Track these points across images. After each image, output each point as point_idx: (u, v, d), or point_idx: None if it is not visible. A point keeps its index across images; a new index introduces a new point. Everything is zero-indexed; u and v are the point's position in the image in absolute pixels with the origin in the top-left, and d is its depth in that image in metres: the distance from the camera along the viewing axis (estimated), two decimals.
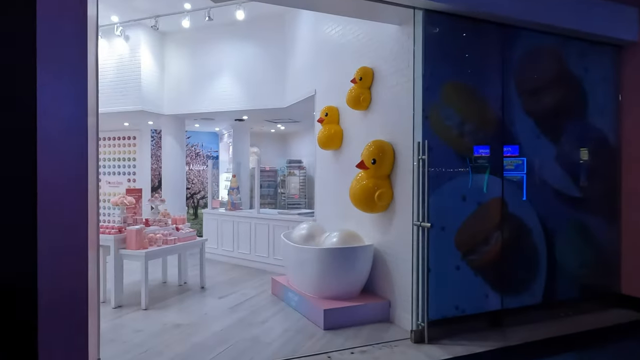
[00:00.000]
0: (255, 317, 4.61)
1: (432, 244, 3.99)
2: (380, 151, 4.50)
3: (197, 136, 11.58)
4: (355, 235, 4.87)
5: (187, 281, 6.08)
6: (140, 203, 5.74)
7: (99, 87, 7.87)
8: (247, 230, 7.29)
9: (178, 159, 8.82)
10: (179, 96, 8.33)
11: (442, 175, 4.14)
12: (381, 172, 4.55)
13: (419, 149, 4.00)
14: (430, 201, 3.96)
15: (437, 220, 4.02)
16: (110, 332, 4.17)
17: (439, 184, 4.10)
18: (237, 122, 9.98)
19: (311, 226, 5.51)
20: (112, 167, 11.19)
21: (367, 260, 4.72)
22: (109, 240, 4.91)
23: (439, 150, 4.10)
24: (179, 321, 4.48)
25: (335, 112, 5.70)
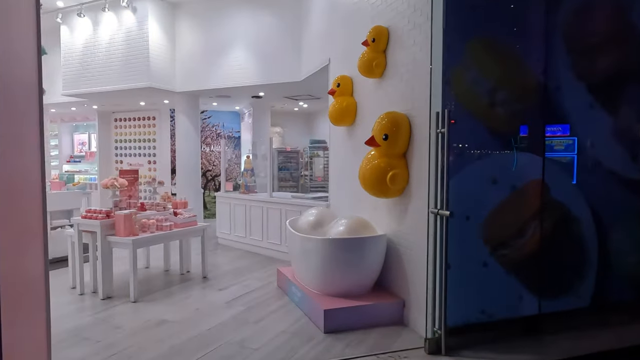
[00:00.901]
0: (251, 315, 4.09)
1: (452, 236, 3.28)
2: (393, 125, 3.80)
3: (217, 116, 11.14)
4: (365, 224, 4.22)
5: (190, 270, 5.66)
6: (136, 185, 5.32)
7: (108, 63, 7.51)
8: (259, 215, 6.78)
9: (192, 139, 8.40)
10: (191, 72, 7.84)
11: (467, 154, 3.40)
12: (395, 150, 3.85)
13: (437, 120, 3.27)
14: (451, 184, 3.24)
15: (460, 208, 3.30)
16: (87, 328, 3.76)
17: (463, 164, 3.37)
18: (256, 101, 9.43)
19: (320, 212, 4.90)
20: (132, 149, 10.98)
21: (378, 253, 4.07)
22: (96, 226, 4.50)
23: (464, 122, 3.36)
24: (166, 317, 4.03)
25: (348, 83, 5.00)
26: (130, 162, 10.99)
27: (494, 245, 3.50)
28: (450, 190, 3.22)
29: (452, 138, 3.24)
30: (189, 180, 8.34)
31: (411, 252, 3.83)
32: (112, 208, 4.81)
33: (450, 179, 3.24)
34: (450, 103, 3.31)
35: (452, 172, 3.27)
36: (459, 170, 3.35)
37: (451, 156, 3.27)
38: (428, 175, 3.41)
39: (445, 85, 3.31)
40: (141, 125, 10.85)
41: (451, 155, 3.28)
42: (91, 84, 7.98)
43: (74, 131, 11.92)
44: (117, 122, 11.17)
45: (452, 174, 3.27)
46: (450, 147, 3.20)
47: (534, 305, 3.63)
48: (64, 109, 10.58)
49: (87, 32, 7.98)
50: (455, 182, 3.30)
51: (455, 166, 3.33)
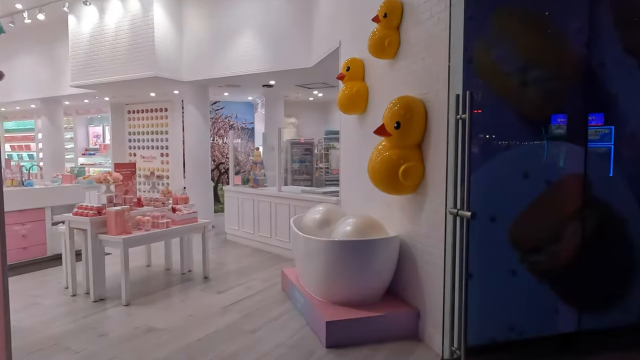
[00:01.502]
0: (248, 323, 3.70)
1: (475, 240, 2.80)
2: (407, 111, 3.31)
3: (230, 107, 10.80)
4: (375, 224, 3.75)
5: (192, 269, 5.32)
6: (133, 180, 4.99)
7: (114, 53, 7.21)
8: (267, 210, 6.39)
9: (202, 130, 8.05)
10: (199, 60, 7.48)
11: (493, 143, 2.90)
12: (408, 140, 3.36)
13: (456, 104, 2.77)
14: (473, 180, 2.74)
15: (484, 208, 2.81)
16: (70, 336, 3.45)
17: (488, 156, 2.87)
18: (268, 90, 9.02)
19: (328, 209, 4.46)
20: (145, 141, 10.76)
21: (390, 257, 3.61)
22: (86, 223, 4.19)
23: (490, 106, 2.85)
24: (156, 323, 3.68)
25: (359, 66, 4.52)
26: (144, 154, 10.77)
27: (525, 251, 2.99)
28: (473, 187, 2.72)
29: (475, 125, 2.74)
30: (198, 173, 8.01)
31: (427, 256, 3.35)
32: (106, 204, 4.49)
33: (473, 173, 2.75)
34: (473, 84, 2.80)
35: (474, 166, 2.78)
36: (483, 164, 2.85)
37: (474, 147, 2.78)
38: (446, 170, 2.93)
39: (467, 64, 2.81)
40: (154, 117, 10.60)
41: (474, 146, 2.78)
42: (98, 74, 7.72)
43: (89, 124, 11.81)
44: (130, 114, 10.96)
45: (474, 168, 2.78)
46: (472, 136, 2.70)
47: (573, 320, 3.11)
48: (76, 101, 10.43)
49: (93, 21, 7.71)
50: (479, 177, 2.80)
51: (478, 158, 2.83)
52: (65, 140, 11.70)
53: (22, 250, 5.50)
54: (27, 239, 5.48)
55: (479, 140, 2.83)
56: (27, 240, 5.48)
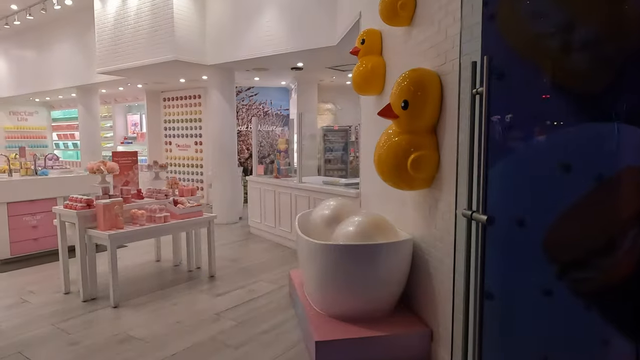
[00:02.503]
0: (236, 335, 3.26)
1: (496, 250, 2.15)
2: (417, 87, 2.66)
3: (265, 92, 10.39)
4: (382, 225, 3.14)
5: (201, 266, 4.97)
6: (135, 170, 4.68)
7: (136, 36, 6.96)
8: (287, 203, 5.92)
9: (227, 117, 7.68)
10: (221, 42, 7.08)
11: (522, 126, 2.20)
12: (419, 123, 2.72)
13: (472, 74, 2.11)
14: (494, 173, 2.08)
15: (510, 209, 2.14)
16: (38, 343, 3.16)
17: (516, 143, 2.18)
18: (300, 74, 8.49)
19: (340, 205, 3.89)
20: (180, 129, 10.64)
21: (399, 265, 3.00)
22: (73, 217, 3.91)
23: (518, 77, 2.15)
24: (137, 331, 3.33)
25: (375, 38, 3.87)
26: (179, 143, 10.68)
27: (565, 265, 2.27)
28: (493, 183, 2.07)
29: (497, 102, 2.07)
30: (225, 162, 7.66)
31: (440, 265, 2.72)
32: (102, 196, 4.21)
33: (493, 165, 2.09)
34: (495, 48, 2.12)
35: (496, 155, 2.11)
36: (508, 152, 2.17)
37: (494, 130, 2.11)
38: (456, 160, 2.28)
39: (488, 21, 2.13)
40: (188, 105, 10.45)
41: (496, 129, 2.12)
42: (122, 60, 7.56)
43: (128, 112, 11.89)
44: (166, 102, 10.89)
45: (496, 158, 2.11)
46: (492, 116, 2.04)
47: (629, 353, 2.36)
48: (111, 88, 10.47)
49: (116, 4, 7.53)
50: (502, 169, 2.13)
51: (501, 145, 2.16)
52: (105, 128, 11.89)
53: (32, 242, 5.41)
54: (38, 230, 5.37)
55: (501, 121, 2.14)
56: (37, 231, 5.38)
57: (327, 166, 9.10)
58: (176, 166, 10.76)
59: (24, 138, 13.38)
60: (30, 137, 13.52)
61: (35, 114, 13.72)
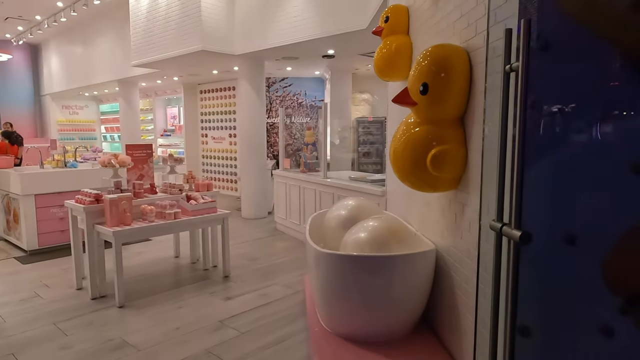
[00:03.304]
0: (234, 349, 2.94)
1: (534, 274, 1.67)
2: (440, 67, 2.19)
3: (299, 83, 10.05)
4: (400, 232, 2.69)
5: (217, 264, 4.71)
6: (150, 163, 4.48)
7: (166, 27, 6.82)
8: (312, 199, 5.56)
9: (256, 109, 7.40)
10: (249, 31, 6.78)
11: (576, 114, 1.68)
12: (442, 111, 2.25)
13: (506, 44, 1.63)
14: (532, 176, 1.60)
15: (554, 221, 1.64)
16: (33, 346, 3.00)
17: (564, 135, 1.67)
18: (333, 63, 8.06)
19: (359, 205, 3.48)
20: (216, 122, 10.54)
21: (418, 280, 2.55)
22: (81, 211, 3.74)
23: (571, 48, 1.63)
24: (132, 337, 3.09)
25: (401, 14, 3.39)
26: (214, 135, 10.59)
27: (633, 297, 1.75)
28: (532, 187, 1.59)
29: (540, 82, 1.58)
30: (253, 155, 7.39)
31: (468, 285, 2.24)
32: (114, 190, 4.02)
33: (533, 165, 1.61)
34: (537, 10, 1.62)
35: (537, 152, 1.62)
36: (553, 148, 1.66)
37: (536, 119, 1.61)
38: (482, 158, 1.80)
39: None
40: (222, 97, 10.31)
41: (536, 118, 1.62)
42: (154, 52, 7.47)
43: (167, 104, 11.97)
44: (202, 94, 10.82)
45: (536, 156, 1.62)
46: (530, 100, 1.55)
47: None
48: (149, 81, 10.52)
49: None
50: (546, 170, 1.64)
51: (544, 139, 1.66)
52: (146, 121, 12.04)
53: (59, 234, 5.39)
54: (65, 222, 5.32)
55: (544, 107, 1.64)
56: (64, 223, 5.34)
57: (362, 160, 8.64)
58: (211, 159, 10.69)
59: (75, 131, 13.88)
60: (80, 130, 14.02)
61: (86, 107, 14.19)
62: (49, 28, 10.64)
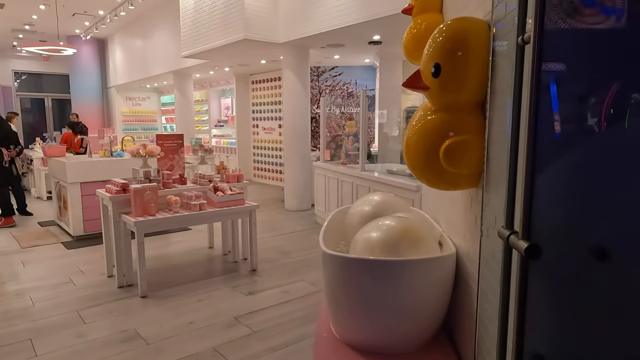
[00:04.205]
0: (242, 349, 2.81)
1: (552, 294, 1.34)
2: (456, 45, 1.87)
3: (350, 72, 9.76)
4: (417, 233, 2.38)
5: (248, 257, 4.63)
6: (180, 153, 4.47)
7: (212, 17, 6.84)
8: (349, 192, 5.32)
9: (300, 98, 7.24)
10: (293, 18, 6.61)
11: (612, 98, 1.31)
12: (458, 97, 1.93)
13: (519, 9, 1.31)
14: (549, 175, 1.27)
15: (578, 230, 1.29)
16: (52, 331, 3.07)
17: (593, 123, 1.31)
18: (382, 50, 7.70)
19: (384, 200, 3.18)
20: (266, 112, 10.55)
21: (434, 289, 2.24)
22: (107, 201, 3.80)
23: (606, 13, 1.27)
24: (145, 329, 3.07)
25: None
26: (265, 126, 10.62)
27: None
28: (549, 187, 1.27)
29: (561, 57, 1.24)
30: (296, 146, 7.25)
31: (486, 300, 1.92)
32: (143, 179, 4.05)
33: (552, 159, 1.28)
34: None
35: (559, 142, 1.29)
36: (583, 137, 1.31)
37: (555, 104, 1.28)
38: (486, 151, 1.49)
39: None
40: (272, 87, 10.29)
41: (555, 103, 1.29)
42: (201, 42, 7.54)
43: (221, 96, 12.18)
44: (254, 85, 10.87)
45: (558, 147, 1.29)
46: (538, 77, 1.22)
47: None
48: (203, 73, 10.72)
49: None
50: (568, 167, 1.29)
51: (565, 128, 1.31)
52: (202, 112, 12.35)
53: None
54: None
55: (565, 89, 1.29)
56: None
57: None
58: (261, 149, 10.74)
59: (138, 122, 14.60)
60: (143, 121, 14.72)
61: (147, 99, 14.86)
62: (111, 22, 11.18)
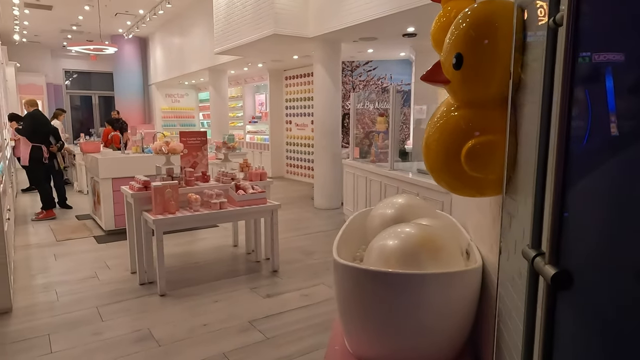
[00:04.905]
0: (253, 356, 2.69)
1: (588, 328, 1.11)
2: (481, 32, 1.64)
3: (385, 66, 9.48)
4: (438, 243, 2.16)
5: (270, 257, 4.53)
6: (204, 150, 4.40)
7: (243, 13, 6.78)
8: (377, 192, 5.11)
9: (331, 94, 7.06)
10: (323, 12, 6.44)
11: None
12: (483, 91, 1.70)
13: None
14: (587, 185, 1.04)
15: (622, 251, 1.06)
16: (69, 327, 3.07)
17: None
18: (419, 43, 7.39)
19: (408, 203, 2.98)
20: (299, 108, 10.44)
21: (455, 305, 2.02)
22: (129, 198, 3.78)
23: None
24: (158, 330, 3.01)
25: None
26: (297, 122, 10.52)
27: None
28: (585, 200, 1.05)
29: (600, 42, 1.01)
30: (326, 143, 7.09)
31: (511, 321, 1.69)
32: (166, 177, 4.02)
33: (589, 169, 1.06)
34: None
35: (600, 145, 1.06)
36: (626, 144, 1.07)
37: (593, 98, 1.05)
38: (505, 156, 1.27)
39: None
40: (305, 83, 10.16)
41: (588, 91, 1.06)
42: (233, 38, 7.51)
43: (256, 92, 12.19)
44: (287, 81, 10.79)
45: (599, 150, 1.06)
46: (575, 74, 1.00)
47: None
48: (237, 69, 10.74)
49: None
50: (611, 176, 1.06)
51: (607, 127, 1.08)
52: (237, 108, 12.41)
53: None
54: None
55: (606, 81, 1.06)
56: None
57: None
58: (294, 145, 10.66)
59: (176, 118, 14.90)
60: (181, 117, 15.01)
61: (186, 95, 15.14)
62: (151, 21, 11.41)
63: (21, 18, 10.82)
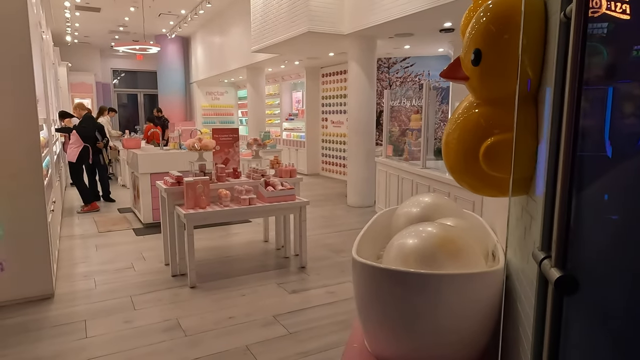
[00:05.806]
0: (274, 350, 2.74)
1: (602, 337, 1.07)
2: (502, 27, 1.59)
3: (422, 62, 9.31)
4: (459, 244, 2.11)
5: (300, 253, 4.57)
6: (236, 147, 4.49)
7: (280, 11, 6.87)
8: (409, 191, 5.04)
9: (365, 92, 7.00)
10: (358, 8, 6.39)
11: None
12: (504, 87, 1.64)
13: None
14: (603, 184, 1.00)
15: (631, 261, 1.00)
16: (103, 315, 3.24)
17: None
18: (456, 38, 7.20)
19: (435, 203, 2.91)
20: (335, 105, 10.44)
21: (475, 308, 1.97)
22: (163, 192, 3.92)
23: None
24: (187, 321, 3.12)
25: None
26: (333, 119, 10.52)
27: None
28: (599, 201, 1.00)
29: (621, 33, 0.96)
30: (360, 142, 7.04)
31: (530, 325, 1.63)
32: (198, 173, 4.15)
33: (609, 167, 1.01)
34: None
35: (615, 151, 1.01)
36: None
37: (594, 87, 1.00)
38: (512, 153, 1.22)
39: None
40: (341, 80, 10.14)
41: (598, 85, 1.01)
42: (269, 36, 7.60)
43: (293, 89, 12.28)
44: (324, 78, 10.81)
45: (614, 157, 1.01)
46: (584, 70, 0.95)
47: None
48: (275, 67, 10.86)
49: None
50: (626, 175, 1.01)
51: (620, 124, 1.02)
52: (274, 106, 12.56)
53: None
54: None
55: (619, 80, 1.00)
56: None
57: None
58: (330, 142, 10.67)
59: (216, 115, 15.27)
60: (220, 114, 15.38)
61: (225, 93, 15.48)
62: (192, 21, 11.74)
63: (72, 20, 11.42)
